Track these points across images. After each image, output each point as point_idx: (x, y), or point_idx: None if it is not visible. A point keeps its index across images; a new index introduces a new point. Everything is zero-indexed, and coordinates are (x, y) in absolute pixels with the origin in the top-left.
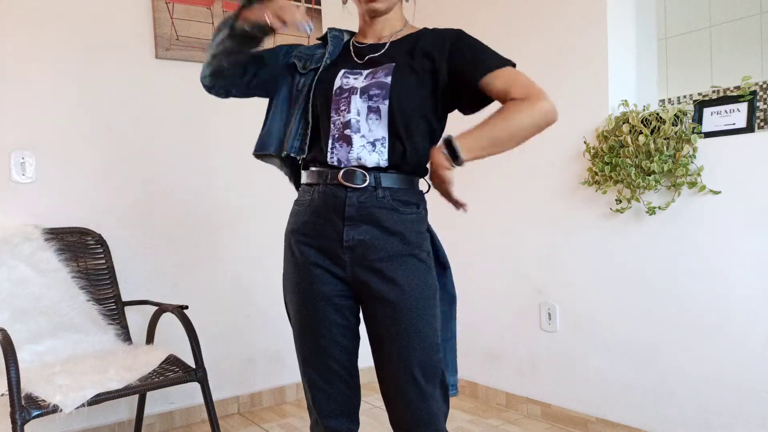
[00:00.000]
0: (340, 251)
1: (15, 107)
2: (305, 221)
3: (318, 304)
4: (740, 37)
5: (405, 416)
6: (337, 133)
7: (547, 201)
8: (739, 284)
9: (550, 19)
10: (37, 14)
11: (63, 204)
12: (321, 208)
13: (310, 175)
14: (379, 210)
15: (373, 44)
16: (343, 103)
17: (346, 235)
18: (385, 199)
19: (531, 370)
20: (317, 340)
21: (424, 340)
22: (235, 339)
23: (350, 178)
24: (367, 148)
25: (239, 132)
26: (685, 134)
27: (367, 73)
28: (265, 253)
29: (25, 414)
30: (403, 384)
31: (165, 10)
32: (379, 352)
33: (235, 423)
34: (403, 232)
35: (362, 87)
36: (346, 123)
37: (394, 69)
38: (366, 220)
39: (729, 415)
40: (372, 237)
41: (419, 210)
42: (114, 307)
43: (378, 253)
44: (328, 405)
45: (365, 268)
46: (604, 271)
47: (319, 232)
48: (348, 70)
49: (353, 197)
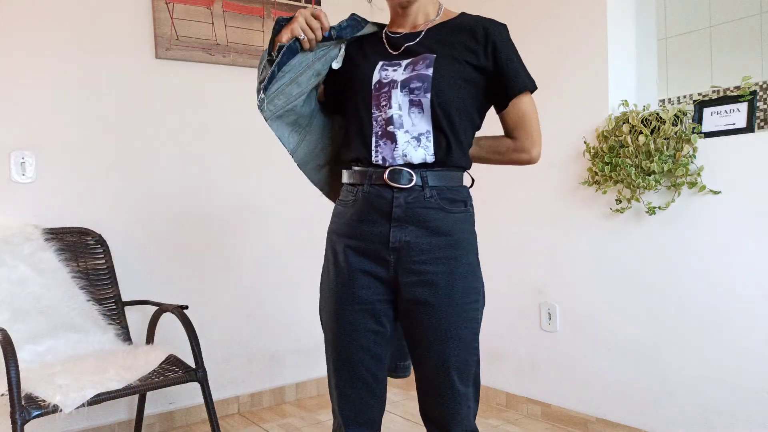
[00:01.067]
0: (385, 252)
1: (15, 107)
2: (347, 222)
3: (354, 308)
4: (740, 37)
5: (438, 412)
6: (380, 130)
7: (547, 201)
8: (739, 284)
9: (550, 19)
10: (37, 14)
11: (63, 204)
12: (366, 208)
13: (352, 175)
14: (426, 210)
15: (409, 33)
16: (383, 98)
17: (393, 237)
18: (433, 198)
19: (531, 370)
20: (349, 347)
21: (464, 344)
22: (235, 339)
23: (396, 178)
24: (412, 144)
25: (239, 132)
26: (685, 134)
27: (406, 64)
28: (266, 253)
29: (25, 414)
30: (440, 385)
31: (165, 10)
32: (417, 353)
33: (235, 423)
34: (451, 232)
35: (402, 80)
36: (389, 119)
37: (435, 60)
38: (413, 221)
39: (729, 415)
40: (419, 238)
41: (467, 208)
42: (114, 307)
43: (424, 254)
44: (352, 412)
45: (410, 270)
46: (604, 271)
47: (363, 233)
48: (386, 62)
49: (400, 197)
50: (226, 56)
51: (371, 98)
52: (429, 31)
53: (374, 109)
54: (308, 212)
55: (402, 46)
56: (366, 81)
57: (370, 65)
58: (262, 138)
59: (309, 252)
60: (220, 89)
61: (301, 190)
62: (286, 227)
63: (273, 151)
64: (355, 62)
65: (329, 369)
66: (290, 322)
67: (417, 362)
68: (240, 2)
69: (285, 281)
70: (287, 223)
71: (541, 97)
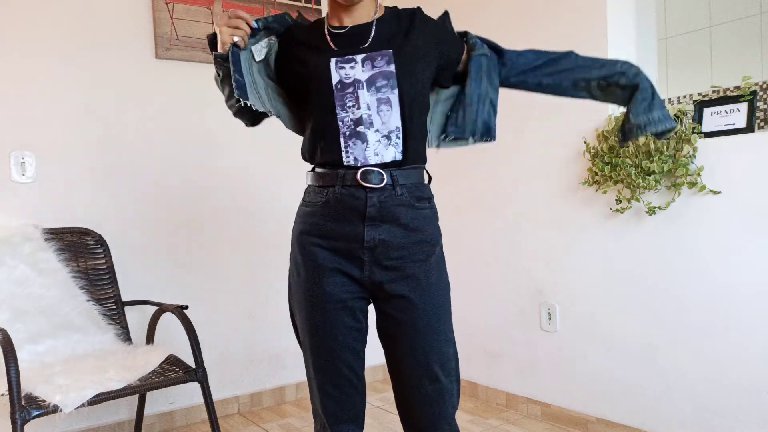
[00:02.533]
0: (359, 252)
1: (15, 107)
2: (318, 223)
3: (330, 306)
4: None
5: (422, 414)
6: (348, 131)
7: (547, 201)
8: (739, 284)
9: (550, 19)
10: (36, 14)
11: (63, 204)
12: (338, 209)
13: (320, 177)
14: (398, 208)
15: (355, 27)
16: (349, 98)
17: (368, 236)
18: (404, 196)
19: (531, 370)
20: (329, 344)
21: (442, 336)
22: (235, 339)
23: (369, 179)
24: (383, 143)
25: (239, 132)
26: (685, 134)
27: (362, 60)
28: (266, 253)
29: (25, 414)
30: (423, 381)
31: (165, 10)
32: (395, 351)
33: (235, 423)
34: (422, 228)
35: (367, 79)
36: (358, 119)
37: (393, 55)
38: (386, 220)
39: (729, 415)
40: (393, 236)
41: (431, 204)
42: (114, 307)
43: (398, 251)
44: (337, 410)
45: (384, 267)
46: (604, 271)
47: (335, 234)
48: (338, 58)
49: (374, 197)
50: None
51: (333, 99)
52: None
53: (339, 110)
54: None
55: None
56: (324, 81)
57: (322, 62)
58: (262, 138)
59: None
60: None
61: (301, 190)
62: (286, 227)
63: (273, 151)
64: (305, 61)
65: (309, 370)
66: (290, 322)
67: (397, 362)
68: (240, 2)
69: (285, 281)
70: (287, 223)
71: (542, 97)
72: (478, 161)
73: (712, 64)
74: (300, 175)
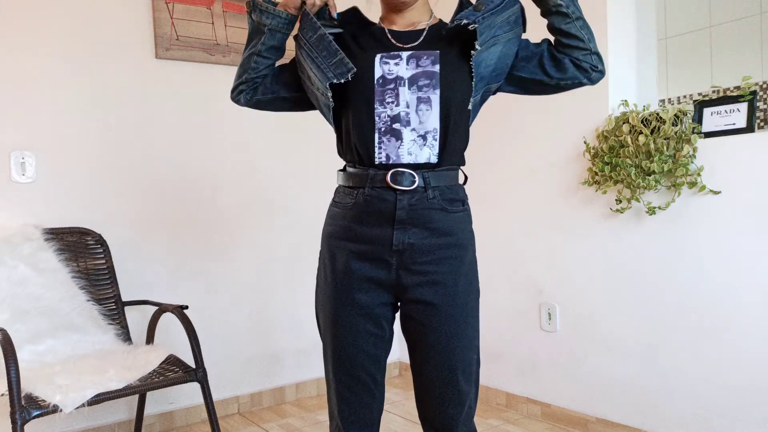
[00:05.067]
0: (387, 255)
1: (15, 107)
2: (347, 225)
3: (353, 312)
4: (740, 37)
5: (440, 415)
6: (384, 127)
7: (547, 201)
8: (739, 284)
9: None
10: (36, 14)
11: (63, 204)
12: (367, 211)
13: (350, 178)
14: (429, 211)
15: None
16: (389, 94)
17: (396, 239)
18: (435, 199)
19: (531, 370)
20: (349, 350)
21: (466, 342)
22: (235, 339)
23: (399, 180)
24: (418, 143)
25: (239, 132)
26: (685, 134)
27: (407, 57)
28: (266, 253)
29: (25, 414)
30: (445, 386)
31: (165, 10)
32: (418, 352)
33: (235, 423)
34: (453, 232)
35: (410, 77)
36: (395, 116)
37: (440, 56)
38: (416, 223)
39: (729, 416)
40: (422, 239)
41: (465, 207)
42: (114, 307)
43: (428, 255)
44: (351, 415)
45: (412, 271)
46: (604, 271)
47: (363, 236)
48: (384, 54)
49: (404, 200)
50: (226, 56)
51: (373, 93)
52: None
53: (377, 105)
54: (308, 212)
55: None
56: (366, 75)
57: (368, 57)
58: (263, 138)
59: (309, 252)
60: (220, 89)
61: (301, 190)
62: (287, 227)
63: (273, 151)
64: (352, 53)
65: (328, 372)
66: (290, 322)
67: (420, 364)
68: (240, 2)
69: (285, 281)
70: (287, 223)
71: (542, 98)
72: (478, 161)
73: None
74: (300, 175)
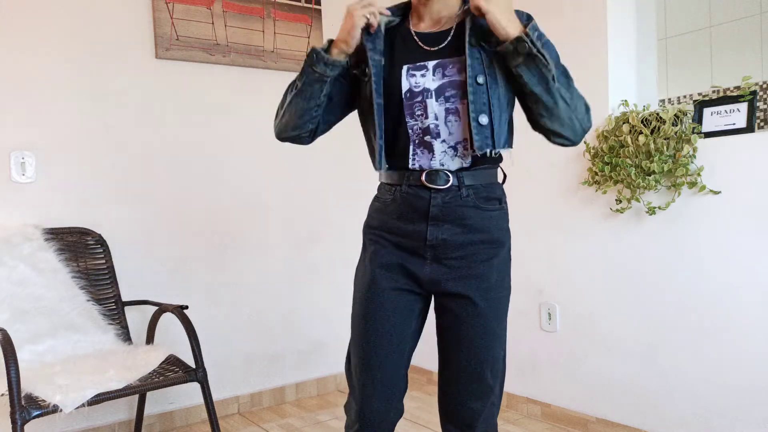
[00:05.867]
0: (422, 249)
1: (15, 107)
2: (385, 219)
3: (386, 304)
4: (740, 37)
5: (462, 410)
6: (417, 139)
7: (547, 201)
8: (739, 284)
9: (549, 19)
10: (37, 14)
11: (63, 204)
12: (404, 207)
13: (390, 176)
14: (463, 209)
15: (435, 33)
16: (417, 107)
17: (430, 234)
18: (469, 197)
19: (531, 370)
20: (378, 342)
21: (495, 338)
22: (235, 339)
23: (433, 179)
24: (449, 153)
25: (239, 132)
26: (685, 134)
27: (433, 67)
28: (266, 253)
29: (25, 414)
30: (471, 379)
31: (165, 10)
32: (447, 345)
33: (235, 423)
34: (486, 229)
35: (436, 88)
36: (426, 129)
37: (465, 63)
38: (450, 220)
39: (729, 416)
40: (455, 235)
41: (501, 205)
42: (114, 307)
43: (460, 250)
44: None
45: (445, 265)
46: (604, 271)
47: (401, 230)
48: (410, 65)
49: (438, 197)
50: (226, 56)
51: (402, 107)
52: (457, 29)
53: (408, 119)
54: (309, 213)
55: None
56: (395, 89)
57: (395, 70)
58: (263, 138)
59: (309, 252)
60: (220, 89)
61: (301, 190)
62: (287, 227)
63: (273, 151)
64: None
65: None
66: (290, 322)
67: (449, 357)
68: (240, 2)
69: (285, 281)
70: (288, 223)
71: None
72: None
73: (712, 64)
74: (301, 175)
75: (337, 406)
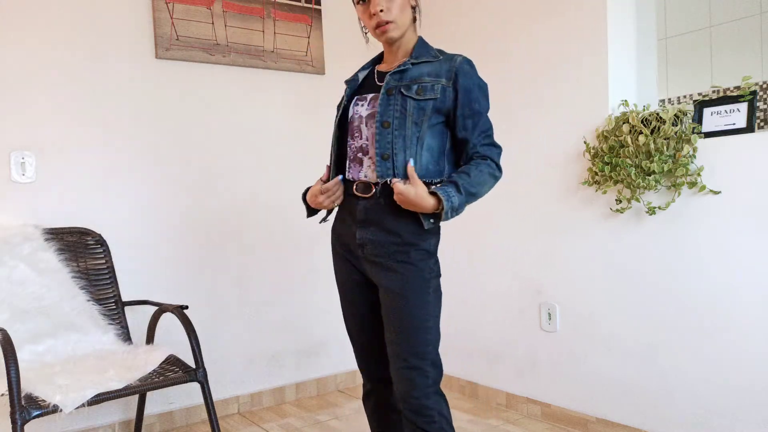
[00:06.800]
0: (356, 248)
1: (15, 107)
2: (335, 223)
3: (351, 286)
4: (740, 37)
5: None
6: (353, 155)
7: (547, 201)
8: (739, 284)
9: (549, 19)
10: (37, 14)
11: (63, 204)
12: (344, 213)
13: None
14: (381, 214)
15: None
16: (356, 131)
17: (359, 235)
18: (387, 206)
19: (531, 370)
20: (355, 314)
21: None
22: (235, 339)
23: (360, 189)
24: (371, 168)
25: (239, 132)
26: (685, 134)
27: (370, 98)
28: (266, 253)
29: (25, 414)
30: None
31: (165, 10)
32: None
33: (235, 423)
34: (400, 232)
35: (366, 116)
36: (359, 147)
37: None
38: (372, 223)
39: (729, 416)
40: (376, 236)
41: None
42: (114, 307)
43: (381, 249)
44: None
45: (371, 262)
46: (604, 271)
47: (343, 232)
48: (358, 97)
49: (362, 204)
50: (226, 56)
51: (347, 131)
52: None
53: (349, 139)
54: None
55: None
56: (345, 115)
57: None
58: (262, 139)
59: (309, 252)
60: (220, 89)
61: (300, 190)
62: (287, 227)
63: (272, 152)
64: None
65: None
66: (290, 322)
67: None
68: (240, 2)
69: (285, 281)
70: (287, 224)
71: (542, 98)
72: None
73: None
74: (301, 175)
75: (337, 406)
